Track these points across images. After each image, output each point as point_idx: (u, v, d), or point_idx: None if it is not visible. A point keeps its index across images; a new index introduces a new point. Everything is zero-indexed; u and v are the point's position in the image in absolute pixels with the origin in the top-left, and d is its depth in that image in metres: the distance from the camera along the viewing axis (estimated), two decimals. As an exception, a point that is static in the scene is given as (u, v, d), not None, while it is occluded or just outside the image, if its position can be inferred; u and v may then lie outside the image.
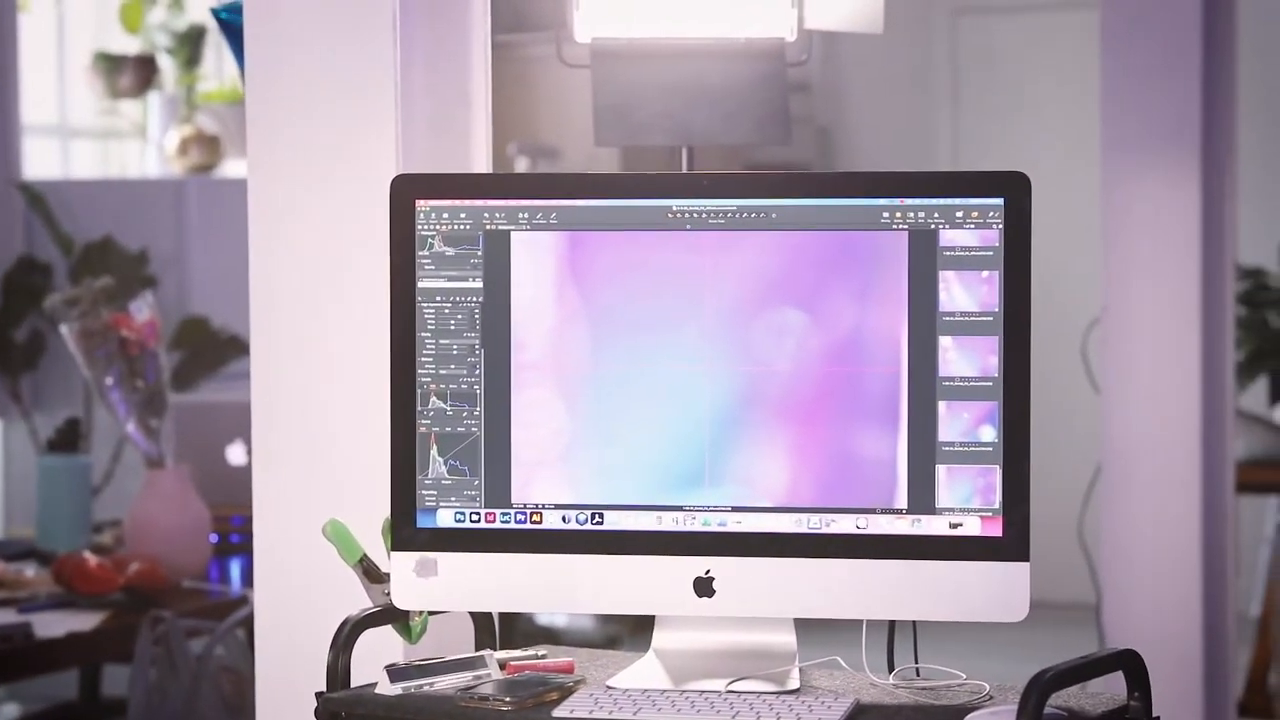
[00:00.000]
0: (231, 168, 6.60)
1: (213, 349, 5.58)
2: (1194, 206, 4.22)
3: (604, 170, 6.99)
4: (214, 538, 4.12)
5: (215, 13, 3.10)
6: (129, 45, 6.80)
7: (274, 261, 2.58)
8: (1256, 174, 6.70)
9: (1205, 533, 4.19)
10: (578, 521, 2.10)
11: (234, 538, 4.29)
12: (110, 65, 6.63)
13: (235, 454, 4.42)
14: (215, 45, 7.10)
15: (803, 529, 2.04)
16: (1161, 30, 4.23)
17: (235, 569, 4.17)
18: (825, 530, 2.04)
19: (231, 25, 3.10)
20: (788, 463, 2.05)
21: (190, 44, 6.79)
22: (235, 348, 5.57)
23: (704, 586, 2.06)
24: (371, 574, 2.15)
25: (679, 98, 2.92)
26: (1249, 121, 5.29)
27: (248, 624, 3.58)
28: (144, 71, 6.69)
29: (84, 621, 3.58)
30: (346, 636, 2.09)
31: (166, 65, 6.82)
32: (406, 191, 2.14)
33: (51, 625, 3.54)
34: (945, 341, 2.03)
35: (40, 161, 6.65)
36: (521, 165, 6.93)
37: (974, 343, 2.02)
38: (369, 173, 2.52)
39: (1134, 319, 4.24)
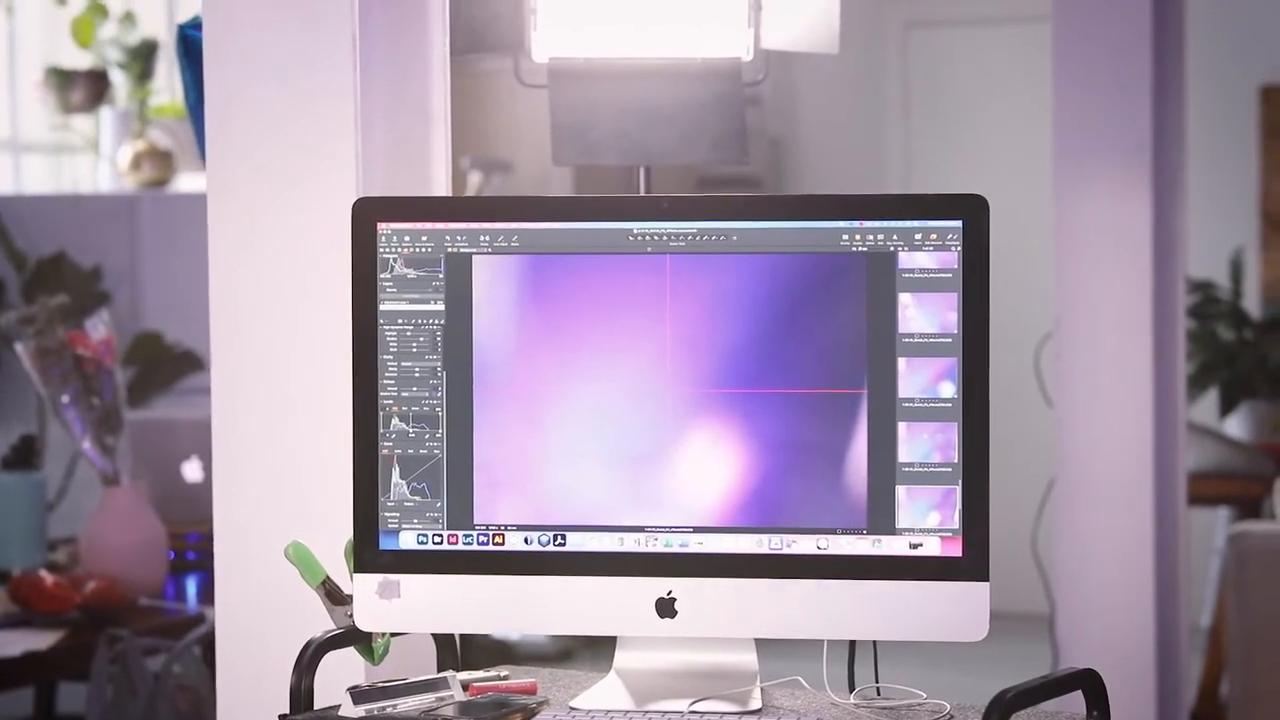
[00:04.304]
0: (184, 182, 6.59)
1: (166, 364, 5.58)
2: (1145, 220, 4.26)
3: (558, 186, 7.01)
4: (170, 555, 4.12)
5: (183, 29, 3.10)
6: (80, 60, 6.79)
7: (234, 281, 2.59)
8: (1204, 187, 6.75)
9: (1158, 545, 4.22)
10: (540, 543, 2.11)
11: (190, 554, 4.29)
12: (62, 80, 6.62)
13: (191, 470, 4.42)
14: (167, 60, 7.09)
15: (764, 549, 2.06)
16: (1112, 44, 4.27)
17: (191, 586, 4.17)
18: (786, 551, 2.06)
19: (196, 43, 3.11)
20: (749, 484, 2.06)
21: (142, 58, 6.78)
22: (189, 363, 5.57)
23: (666, 607, 2.07)
24: (334, 596, 2.16)
25: (636, 117, 2.93)
26: (1194, 134, 5.34)
27: (205, 642, 3.58)
28: (96, 86, 6.68)
29: (41, 640, 3.57)
30: (310, 658, 2.09)
31: (118, 80, 6.81)
32: (368, 214, 2.15)
33: (8, 644, 3.54)
34: (904, 363, 2.05)
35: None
36: (474, 179, 6.94)
37: (933, 364, 2.04)
38: (329, 193, 2.53)
39: (1087, 332, 4.27)
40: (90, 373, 3.97)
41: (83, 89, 6.66)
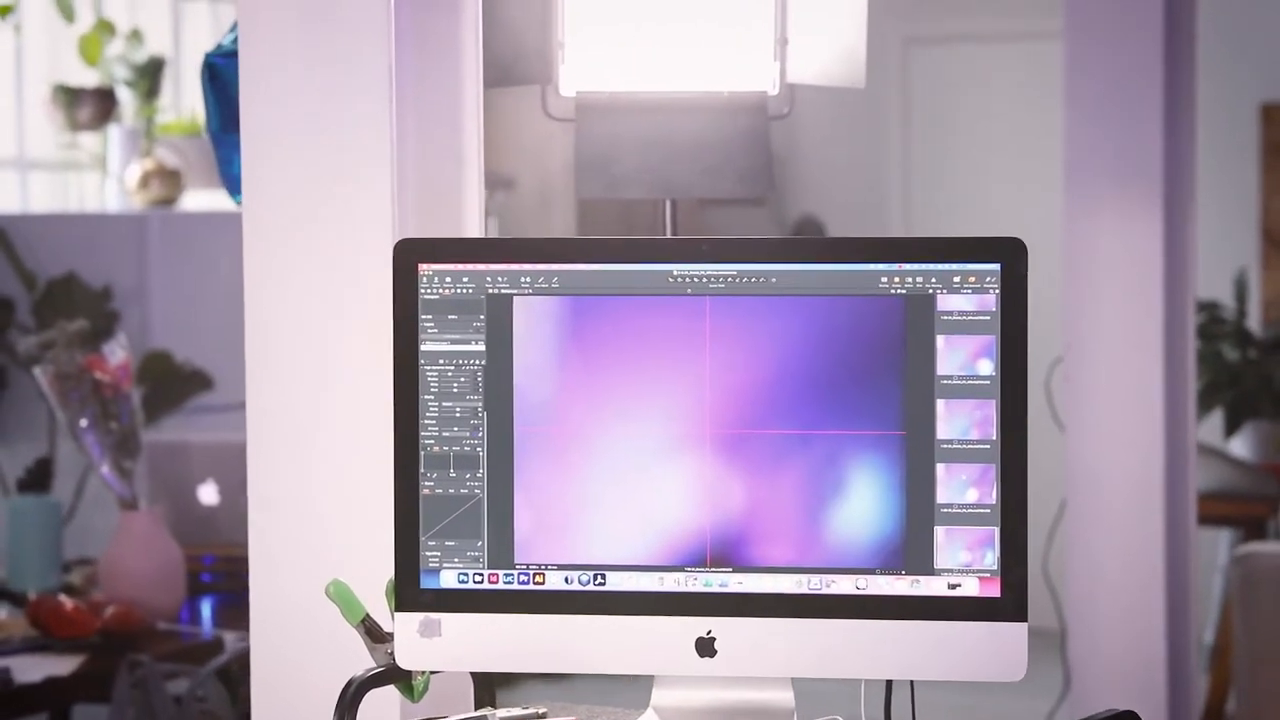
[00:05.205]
0: (191, 200, 6.61)
1: (176, 383, 5.59)
2: (1156, 241, 4.28)
3: (561, 205, 7.03)
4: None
5: (209, 56, 3.12)
6: (88, 78, 6.80)
7: (268, 314, 2.60)
8: (1205, 205, 6.78)
9: (1169, 565, 4.25)
10: (580, 582, 2.13)
11: (205, 577, 4.30)
12: (69, 98, 6.63)
13: (207, 494, 4.44)
14: (173, 77, 7.11)
15: (803, 589, 2.08)
16: (1123, 66, 4.30)
17: (207, 609, 4.19)
18: (825, 591, 2.08)
19: (221, 71, 3.13)
20: (788, 524, 2.08)
21: (149, 76, 6.79)
22: (198, 382, 5.58)
23: (706, 646, 2.09)
24: (374, 634, 2.18)
25: (661, 150, 2.96)
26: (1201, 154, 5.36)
27: (225, 667, 3.60)
28: (103, 104, 6.69)
29: (61, 666, 3.58)
30: (352, 696, 2.11)
31: (125, 97, 6.82)
32: (409, 255, 2.17)
33: (29, 669, 3.55)
34: (942, 405, 2.07)
35: (-3, 194, 6.65)
36: (479, 196, 6.95)
37: (971, 406, 2.06)
38: (364, 228, 2.56)
39: (1096, 355, 4.29)
40: (108, 397, 3.99)
41: (90, 107, 6.67)
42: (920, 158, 8.05)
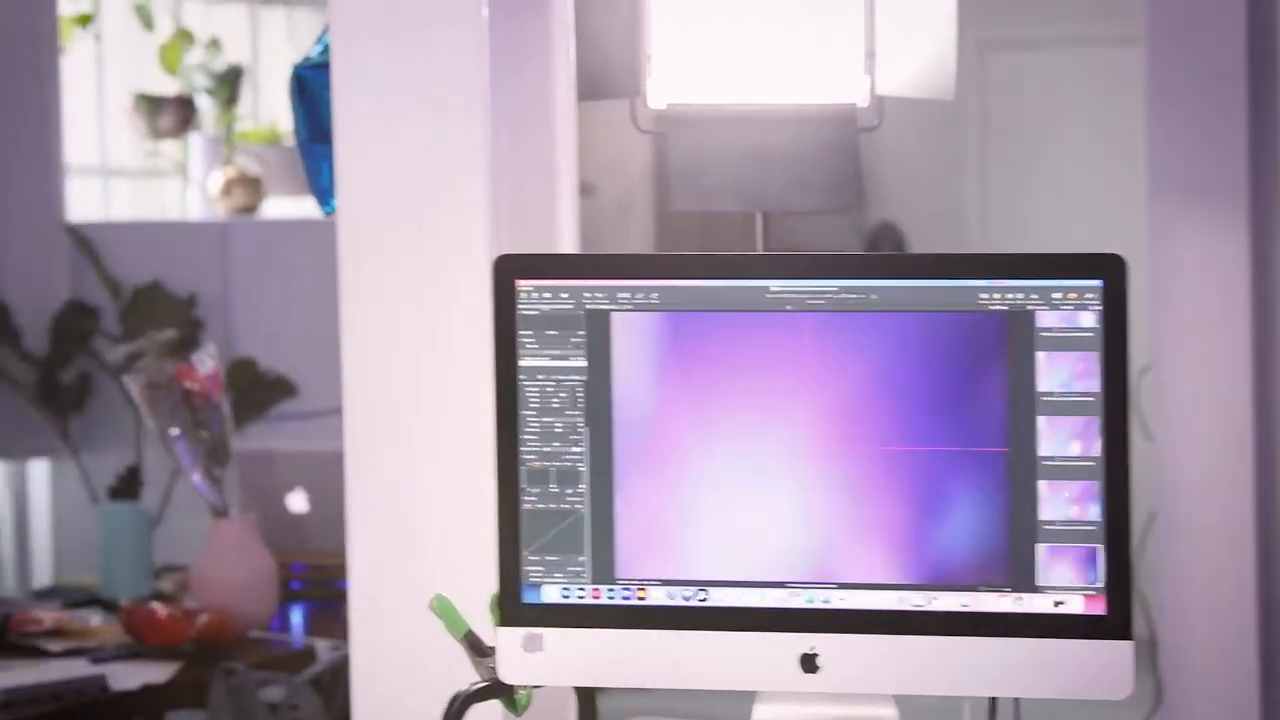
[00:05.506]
0: (272, 208, 6.66)
1: (260, 391, 5.63)
2: (1243, 248, 4.26)
3: (640, 211, 7.03)
4: (273, 585, 4.16)
5: (298, 69, 3.14)
6: (168, 86, 6.86)
7: (366, 327, 2.62)
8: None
9: (1260, 575, 4.23)
10: (682, 598, 2.14)
11: (294, 584, 4.33)
12: (151, 106, 6.69)
13: (296, 502, 4.47)
14: (252, 85, 7.15)
15: (906, 606, 2.09)
16: (1206, 71, 4.27)
17: (297, 617, 4.22)
18: (929, 607, 2.08)
19: (309, 82, 3.15)
20: (890, 541, 2.09)
21: (228, 84, 6.84)
22: (282, 389, 5.62)
23: (809, 663, 2.10)
24: (477, 648, 2.20)
25: (751, 163, 2.96)
26: None
27: (318, 676, 3.63)
28: (183, 112, 6.75)
29: (157, 673, 3.62)
30: (457, 710, 2.13)
31: (205, 105, 6.87)
32: (508, 271, 2.18)
33: (125, 677, 3.58)
34: (1044, 421, 2.07)
35: (80, 201, 6.71)
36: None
37: (1074, 423, 2.06)
38: (458, 244, 2.57)
39: (1184, 367, 4.27)
40: (198, 406, 4.02)
41: (171, 115, 6.73)
42: (997, 164, 8.03)
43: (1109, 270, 2.07)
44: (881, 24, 2.99)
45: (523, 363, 2.17)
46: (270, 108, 7.20)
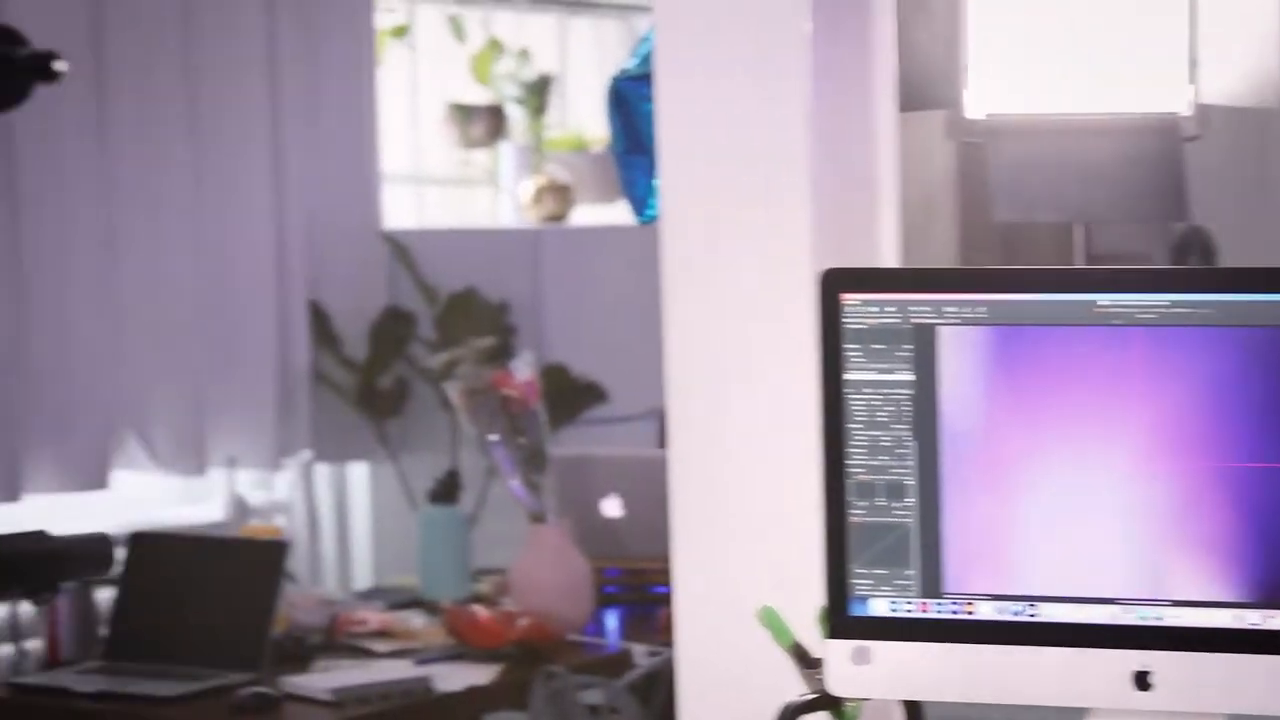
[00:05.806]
0: (581, 215, 6.76)
1: (572, 396, 5.72)
2: None
3: (942, 224, 7.00)
4: (588, 590, 4.23)
5: (616, 80, 3.20)
6: (479, 95, 7.00)
7: (689, 337, 2.65)
8: None
9: None
10: (1012, 613, 2.14)
11: (608, 589, 4.40)
12: (463, 115, 6.84)
13: (610, 507, 4.54)
14: (561, 94, 7.27)
15: (1243, 624, 2.06)
16: None
17: (612, 620, 4.28)
18: (1265, 626, 2.06)
19: (625, 94, 3.21)
20: (1224, 558, 2.07)
21: (538, 93, 6.96)
22: (593, 394, 5.71)
23: (1141, 680, 2.09)
24: (805, 659, 2.22)
25: (1072, 174, 2.95)
26: None
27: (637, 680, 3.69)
28: (494, 121, 6.88)
29: (480, 675, 3.71)
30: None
31: (514, 114, 7.00)
32: (834, 285, 2.20)
33: (449, 678, 3.68)
34: (1385, 438, 2.03)
35: (394, 210, 6.88)
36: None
37: None
38: (781, 256, 2.59)
39: None
40: (516, 413, 4.11)
41: (482, 124, 6.87)
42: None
43: None
44: (1204, 32, 2.96)
45: (848, 376, 2.19)
46: (578, 116, 7.31)
